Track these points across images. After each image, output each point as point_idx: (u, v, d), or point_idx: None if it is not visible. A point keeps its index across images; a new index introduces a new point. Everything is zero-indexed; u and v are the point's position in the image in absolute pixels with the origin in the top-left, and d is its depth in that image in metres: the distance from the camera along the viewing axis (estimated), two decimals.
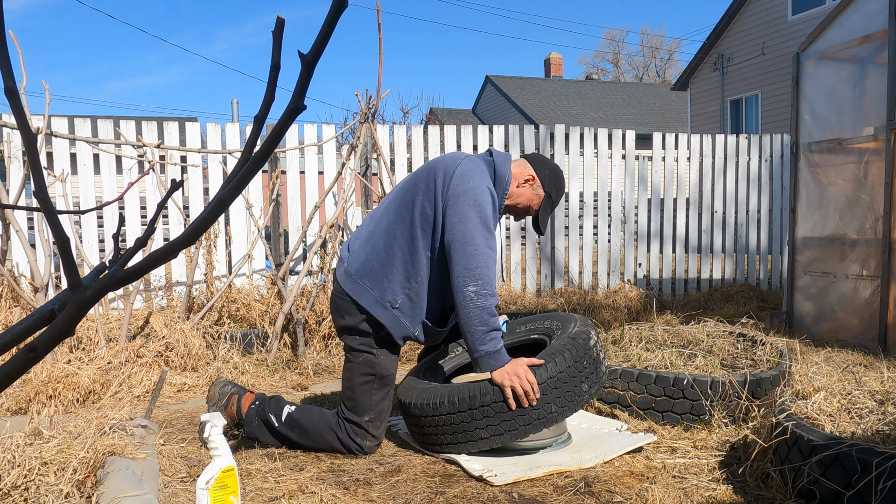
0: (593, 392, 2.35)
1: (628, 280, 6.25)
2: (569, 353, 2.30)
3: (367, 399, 2.43)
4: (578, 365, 2.30)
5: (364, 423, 2.42)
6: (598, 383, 2.38)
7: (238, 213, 4.79)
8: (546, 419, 2.25)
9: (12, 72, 0.64)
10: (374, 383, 2.44)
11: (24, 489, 1.77)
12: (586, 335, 2.40)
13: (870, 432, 2.01)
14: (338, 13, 0.65)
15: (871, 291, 4.16)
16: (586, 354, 2.33)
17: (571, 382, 2.28)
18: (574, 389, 2.28)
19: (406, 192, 2.48)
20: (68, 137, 4.29)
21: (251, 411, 2.56)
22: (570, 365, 2.28)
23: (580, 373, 2.30)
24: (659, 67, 43.13)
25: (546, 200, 2.60)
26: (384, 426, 2.49)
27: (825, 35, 4.52)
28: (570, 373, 2.27)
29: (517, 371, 2.23)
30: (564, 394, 2.26)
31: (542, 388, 2.23)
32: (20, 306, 3.78)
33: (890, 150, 3.99)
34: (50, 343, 0.69)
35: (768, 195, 6.72)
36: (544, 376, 2.24)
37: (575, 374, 2.29)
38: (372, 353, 2.45)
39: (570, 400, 2.28)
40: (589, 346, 2.36)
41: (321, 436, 2.45)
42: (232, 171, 0.71)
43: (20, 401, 3.04)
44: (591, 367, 2.34)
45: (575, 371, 2.29)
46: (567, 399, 2.27)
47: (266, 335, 4.14)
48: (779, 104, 16.66)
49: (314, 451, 2.47)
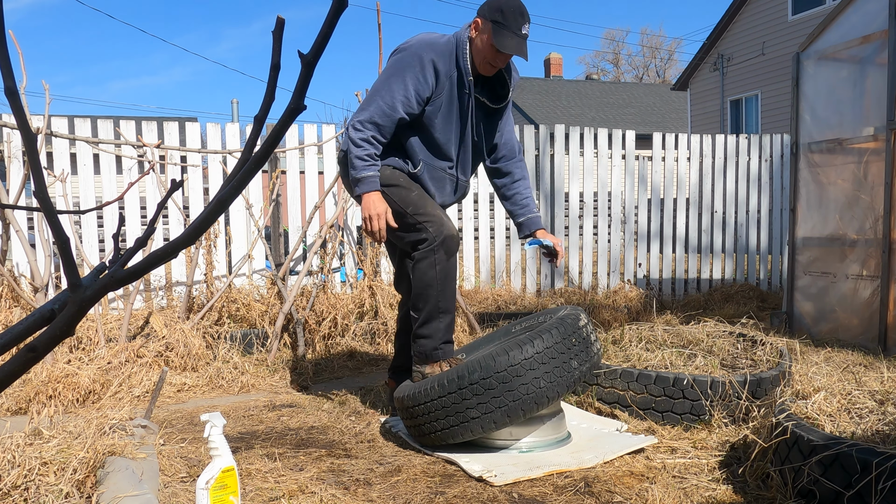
0: (584, 370, 2.38)
1: (628, 280, 6.25)
2: (556, 331, 2.33)
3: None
4: (567, 342, 2.33)
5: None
6: (588, 361, 2.40)
7: (238, 213, 4.79)
8: (536, 395, 2.26)
9: (12, 72, 0.64)
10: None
11: (24, 489, 1.77)
12: (575, 316, 2.44)
13: (870, 432, 2.01)
14: (338, 13, 0.65)
15: (871, 291, 4.16)
16: (575, 333, 2.37)
17: (560, 358, 2.30)
18: (563, 366, 2.31)
19: None
20: (68, 137, 4.29)
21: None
22: (558, 341, 2.31)
23: (569, 349, 2.33)
24: (659, 67, 43.14)
25: (495, 27, 2.59)
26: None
27: (825, 35, 4.52)
28: (557, 349, 2.30)
29: (378, 209, 2.58)
30: (553, 369, 2.29)
31: (529, 363, 2.26)
32: (20, 306, 3.78)
33: (890, 150, 3.99)
34: (50, 343, 0.69)
35: (768, 195, 6.72)
36: (531, 351, 2.26)
37: (563, 350, 2.32)
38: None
39: (560, 376, 2.30)
40: (578, 326, 2.40)
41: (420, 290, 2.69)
42: (232, 171, 0.72)
43: (20, 401, 3.04)
44: (580, 344, 2.37)
45: (563, 347, 2.32)
46: (556, 374, 2.29)
47: (266, 335, 4.14)
48: (779, 104, 16.66)
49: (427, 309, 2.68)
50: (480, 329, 4.47)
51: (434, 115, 2.70)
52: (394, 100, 2.61)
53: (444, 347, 2.68)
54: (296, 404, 3.15)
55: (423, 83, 2.63)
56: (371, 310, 4.51)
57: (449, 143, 2.77)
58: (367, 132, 2.62)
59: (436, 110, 2.69)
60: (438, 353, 2.67)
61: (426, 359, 2.67)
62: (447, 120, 2.73)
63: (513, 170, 2.99)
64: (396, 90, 2.61)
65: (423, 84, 2.63)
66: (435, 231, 2.66)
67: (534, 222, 2.95)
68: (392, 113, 2.62)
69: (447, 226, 2.68)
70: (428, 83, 2.63)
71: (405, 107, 2.63)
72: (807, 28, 15.10)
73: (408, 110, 2.64)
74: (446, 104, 2.70)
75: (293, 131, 5.01)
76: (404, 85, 2.62)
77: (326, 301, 4.33)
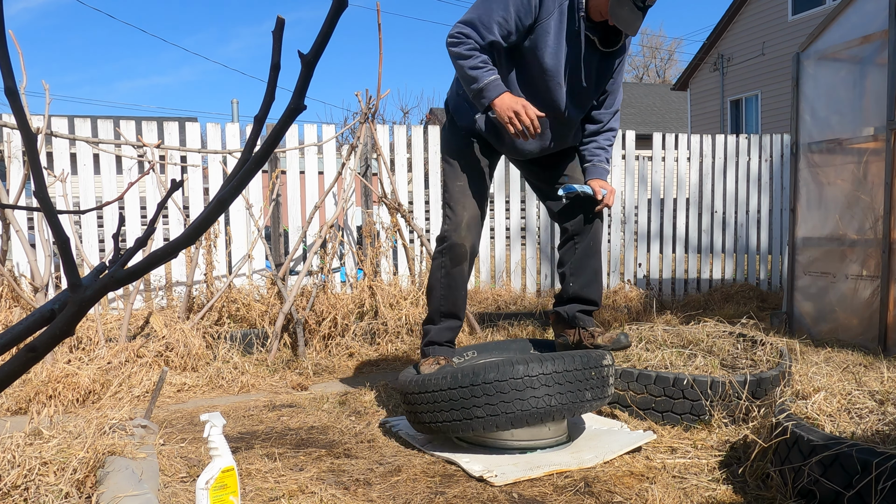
0: (595, 405, 2.38)
1: (628, 280, 6.25)
2: (579, 359, 2.33)
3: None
4: (586, 373, 2.33)
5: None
6: (601, 399, 2.41)
7: (238, 213, 4.79)
8: (544, 411, 2.26)
9: (12, 72, 0.64)
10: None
11: (24, 489, 1.77)
12: (601, 354, 2.45)
13: (870, 432, 2.00)
14: (338, 13, 0.65)
15: (871, 291, 4.16)
16: (596, 368, 2.37)
17: (576, 385, 2.30)
18: (577, 392, 2.30)
19: None
20: (68, 137, 4.29)
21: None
22: (578, 368, 2.31)
23: (586, 380, 2.33)
24: (659, 67, 43.13)
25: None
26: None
27: (825, 35, 4.52)
28: (576, 375, 2.30)
29: (516, 106, 2.37)
30: (567, 392, 2.28)
31: (546, 379, 2.25)
32: (20, 306, 3.78)
33: (890, 151, 3.99)
34: (50, 343, 0.69)
35: (768, 195, 6.71)
36: (550, 368, 2.26)
37: (581, 378, 2.31)
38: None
39: (571, 401, 2.29)
40: (601, 363, 2.40)
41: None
42: (232, 171, 0.71)
43: (20, 401, 3.04)
44: (597, 380, 2.38)
45: (581, 376, 2.32)
46: (568, 398, 2.29)
47: (266, 335, 4.14)
48: (779, 104, 16.66)
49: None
50: (480, 329, 4.48)
51: (538, 45, 2.46)
52: (490, 19, 2.40)
53: (433, 349, 2.70)
54: (296, 404, 3.15)
55: (525, 5, 2.39)
56: (371, 310, 4.51)
57: (554, 82, 2.52)
58: (470, 41, 2.40)
59: (541, 38, 2.45)
60: (429, 349, 2.69)
61: (422, 353, 2.71)
62: (556, 53, 2.47)
63: (603, 119, 2.76)
64: (495, 9, 2.40)
65: (525, 6, 2.40)
66: (448, 233, 2.64)
67: (591, 170, 2.73)
68: (486, 33, 2.40)
69: (460, 233, 2.63)
70: (532, 4, 2.40)
71: (501, 29, 2.41)
72: (807, 28, 15.10)
73: (504, 34, 2.42)
74: (555, 33, 2.45)
75: (293, 131, 5.01)
76: (505, 4, 2.39)
77: (326, 301, 4.33)
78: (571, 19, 2.45)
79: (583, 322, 2.71)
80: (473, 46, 2.41)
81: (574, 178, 2.76)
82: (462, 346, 3.03)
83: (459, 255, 2.64)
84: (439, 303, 2.69)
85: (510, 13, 2.39)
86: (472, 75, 2.41)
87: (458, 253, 2.63)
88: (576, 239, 2.73)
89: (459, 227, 2.63)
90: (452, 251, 2.63)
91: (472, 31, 2.41)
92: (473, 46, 2.41)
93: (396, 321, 4.37)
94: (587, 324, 2.71)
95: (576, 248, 2.72)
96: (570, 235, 2.75)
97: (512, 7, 2.40)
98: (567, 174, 2.77)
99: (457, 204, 2.65)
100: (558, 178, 2.78)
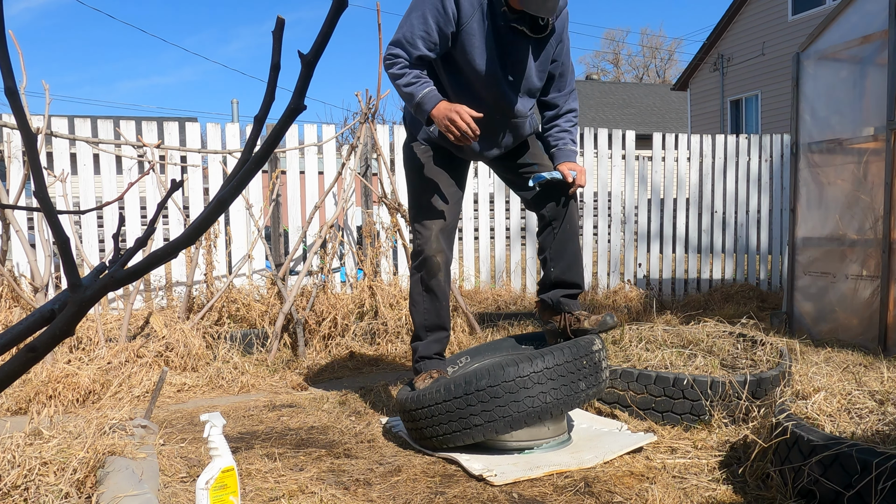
0: (591, 393, 2.39)
1: (628, 280, 6.25)
2: (569, 351, 2.34)
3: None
4: (577, 363, 2.34)
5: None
6: (596, 385, 2.41)
7: (238, 213, 4.79)
8: (541, 409, 2.27)
9: (12, 72, 0.64)
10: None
11: (24, 489, 1.77)
12: (590, 340, 2.46)
13: (870, 432, 2.00)
14: (338, 13, 0.65)
15: (871, 291, 4.16)
16: (587, 356, 2.38)
17: (569, 377, 2.31)
18: (571, 385, 2.31)
19: None
20: (68, 137, 4.29)
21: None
22: (569, 360, 2.32)
23: (578, 370, 2.34)
24: (659, 67, 43.14)
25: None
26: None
27: (825, 35, 4.52)
28: (568, 367, 2.31)
29: (450, 114, 2.40)
30: (561, 387, 2.29)
31: (539, 377, 2.26)
32: (20, 306, 3.78)
33: (890, 151, 3.99)
34: (50, 343, 0.69)
35: (768, 195, 6.71)
36: (541, 365, 2.27)
37: (573, 369, 2.32)
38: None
39: (567, 394, 2.30)
40: (591, 350, 2.41)
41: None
42: (232, 171, 0.72)
43: (20, 401, 3.04)
44: (590, 367, 2.38)
45: (573, 367, 2.32)
46: (563, 393, 2.29)
47: (266, 335, 4.14)
48: (779, 104, 16.66)
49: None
50: (480, 329, 4.47)
51: (466, 48, 2.51)
52: (413, 36, 2.46)
53: (424, 363, 2.70)
54: (296, 404, 3.15)
55: (442, 14, 2.45)
56: (371, 310, 4.51)
57: (492, 80, 2.56)
58: (400, 59, 2.48)
59: (468, 41, 2.50)
60: (420, 365, 2.71)
61: (414, 371, 2.72)
62: (486, 52, 2.52)
63: (559, 102, 2.78)
64: (416, 25, 2.46)
65: (443, 15, 2.45)
66: (421, 247, 2.67)
67: (557, 154, 2.75)
68: (413, 50, 2.47)
69: (432, 245, 2.65)
70: (448, 13, 2.45)
71: (426, 42, 2.47)
72: (807, 28, 15.10)
73: (430, 46, 2.48)
74: (481, 33, 2.50)
75: (293, 131, 5.01)
76: (423, 18, 2.45)
77: (326, 301, 4.33)
78: (495, 15, 2.49)
79: (568, 307, 2.72)
80: (404, 65, 2.50)
81: (543, 166, 2.77)
82: (462, 347, 3.03)
83: (434, 267, 2.67)
84: (423, 318, 2.71)
85: (430, 25, 2.46)
86: (407, 92, 2.49)
87: (433, 265, 2.67)
88: (553, 224, 2.74)
89: (430, 241, 2.66)
90: (427, 264, 2.67)
91: (400, 51, 2.49)
92: (404, 65, 2.50)
93: (396, 321, 4.37)
94: (572, 308, 2.71)
95: (554, 234, 2.73)
96: (547, 221, 2.76)
97: (431, 19, 2.46)
98: (536, 162, 2.78)
99: (425, 218, 2.69)
100: (527, 168, 2.79)
